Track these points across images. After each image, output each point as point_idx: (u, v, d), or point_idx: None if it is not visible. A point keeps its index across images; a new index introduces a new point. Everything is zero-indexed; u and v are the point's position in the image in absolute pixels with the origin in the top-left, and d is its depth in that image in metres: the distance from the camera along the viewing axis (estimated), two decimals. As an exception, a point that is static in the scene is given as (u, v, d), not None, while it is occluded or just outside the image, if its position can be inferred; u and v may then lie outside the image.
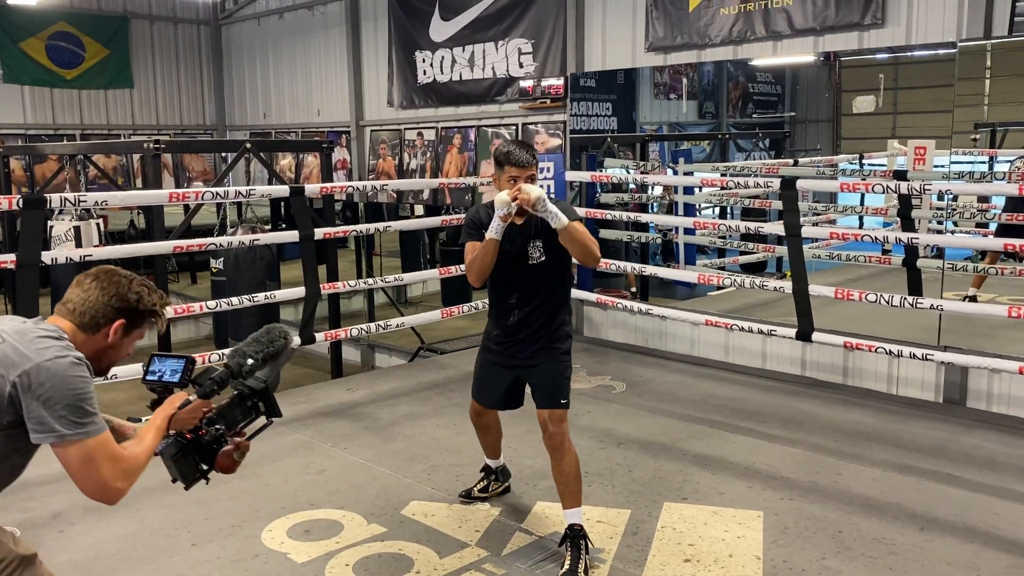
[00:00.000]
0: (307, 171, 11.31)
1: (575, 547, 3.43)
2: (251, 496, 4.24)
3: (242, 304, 5.77)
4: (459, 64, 8.98)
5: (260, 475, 4.52)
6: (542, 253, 3.56)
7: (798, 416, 5.35)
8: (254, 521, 3.96)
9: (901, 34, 5.70)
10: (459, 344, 7.78)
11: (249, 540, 3.78)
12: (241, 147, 7.00)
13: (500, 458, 4.22)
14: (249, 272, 7.06)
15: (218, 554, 3.65)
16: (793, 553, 3.58)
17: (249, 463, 4.63)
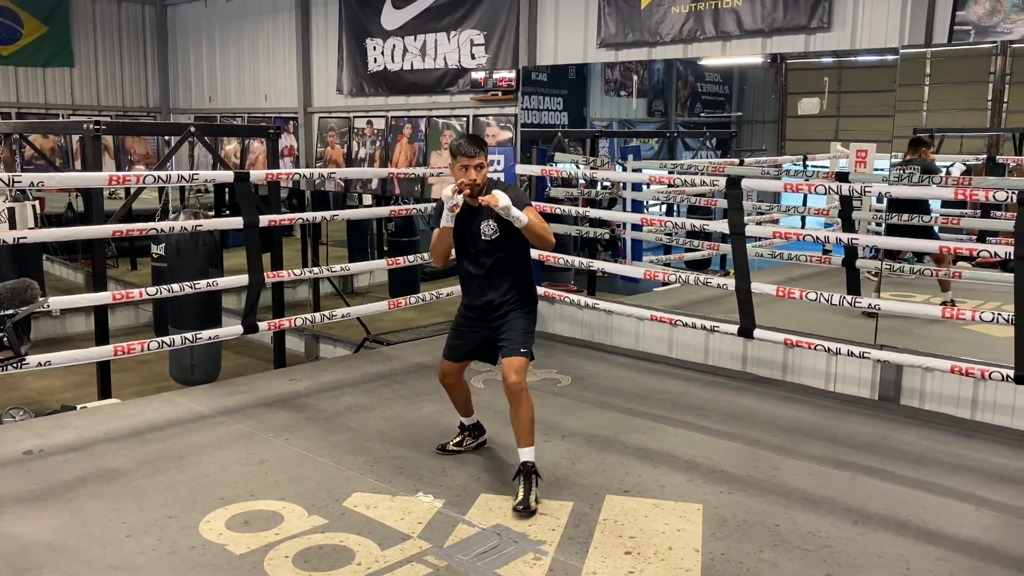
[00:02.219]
0: (253, 157, 11.12)
1: (527, 480, 3.91)
2: (189, 487, 4.16)
3: (183, 291, 5.65)
4: (411, 53, 8.91)
5: (199, 465, 4.44)
6: (495, 230, 4.04)
7: (739, 411, 5.44)
8: (191, 512, 3.88)
9: (846, 38, 5.82)
10: (406, 336, 7.74)
11: (186, 531, 3.71)
12: (185, 131, 6.85)
13: (472, 415, 4.61)
14: (191, 259, 6.90)
15: (153, 546, 3.58)
16: (731, 546, 3.64)
17: (188, 453, 4.61)
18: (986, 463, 4.63)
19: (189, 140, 7.16)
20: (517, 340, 4.04)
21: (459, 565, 3.44)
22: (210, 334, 5.76)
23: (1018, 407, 5.15)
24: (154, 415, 5.21)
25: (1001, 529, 3.86)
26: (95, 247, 6.17)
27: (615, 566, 3.45)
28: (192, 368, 7.02)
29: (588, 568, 3.43)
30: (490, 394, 5.71)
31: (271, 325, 6.16)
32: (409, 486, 4.19)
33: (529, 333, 4.10)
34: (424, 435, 4.91)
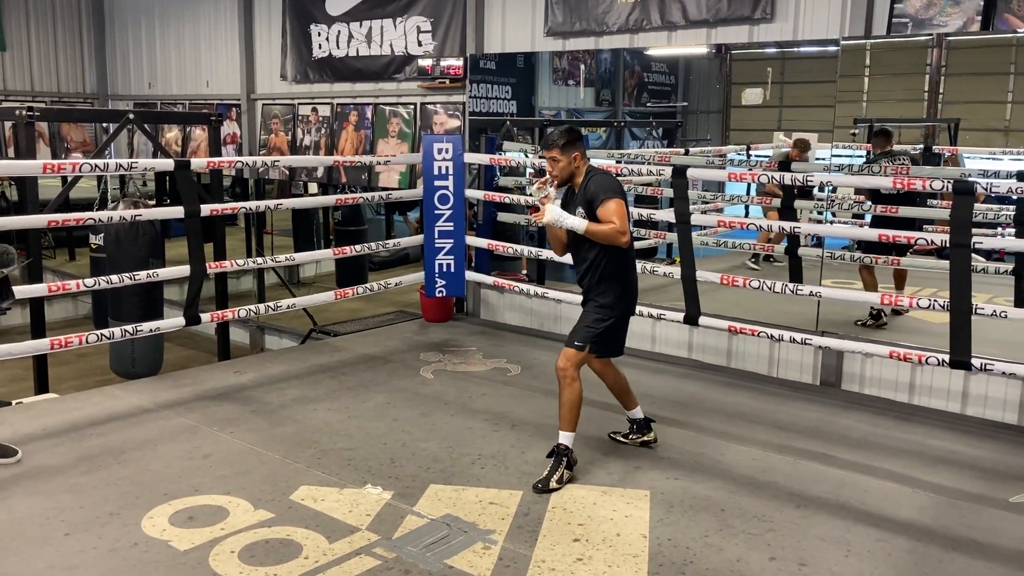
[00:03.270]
0: (194, 145, 10.88)
1: (556, 461, 4.11)
2: (131, 482, 4.07)
3: (123, 282, 5.51)
4: (356, 39, 8.80)
5: (141, 460, 4.34)
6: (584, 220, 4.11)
7: (685, 398, 5.51)
8: (133, 508, 3.80)
9: (789, 29, 5.90)
10: (353, 326, 7.67)
11: (128, 528, 3.63)
12: (124, 117, 6.66)
13: (632, 408, 4.64)
14: (131, 249, 6.74)
15: (94, 543, 3.49)
16: (678, 531, 3.69)
17: (129, 448, 4.50)
18: (923, 445, 4.77)
19: (128, 127, 6.97)
20: (577, 331, 4.23)
21: (408, 556, 3.43)
22: (151, 326, 5.63)
23: (953, 391, 5.31)
24: (93, 410, 5.08)
25: (936, 509, 3.98)
26: (30, 237, 5.98)
27: (564, 553, 3.47)
28: (133, 361, 6.87)
29: (537, 556, 3.44)
30: (439, 384, 5.70)
31: (214, 316, 6.05)
32: (357, 478, 4.16)
33: (591, 328, 4.20)
34: (372, 427, 4.88)
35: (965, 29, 5.26)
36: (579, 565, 3.39)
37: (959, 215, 4.65)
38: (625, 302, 4.28)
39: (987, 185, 4.67)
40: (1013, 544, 3.63)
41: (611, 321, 4.22)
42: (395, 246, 7.92)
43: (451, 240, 6.99)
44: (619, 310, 4.25)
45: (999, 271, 5.49)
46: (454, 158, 6.91)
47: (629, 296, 4.29)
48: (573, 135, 4.18)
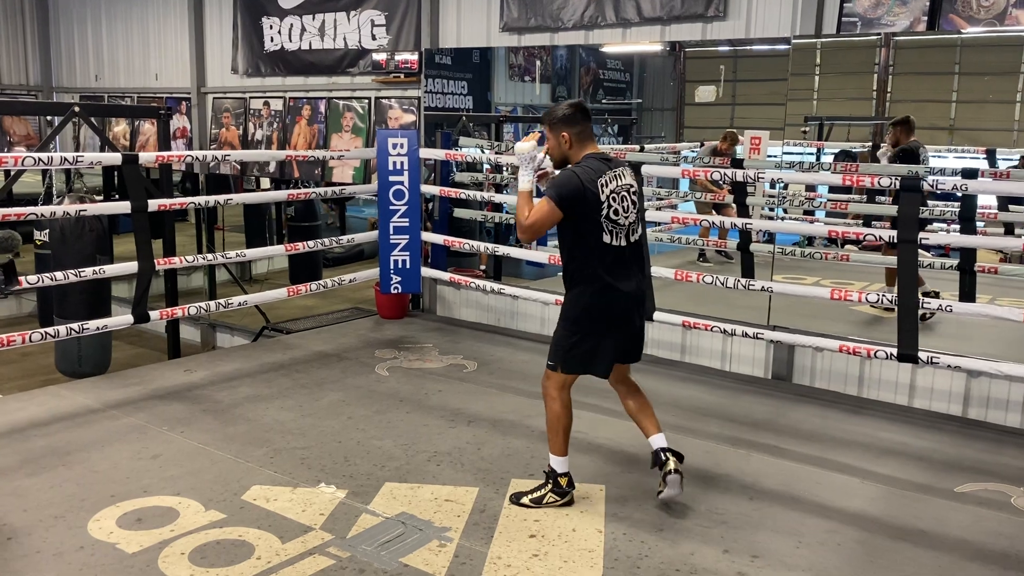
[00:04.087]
0: (143, 139, 10.66)
1: (543, 482, 3.88)
2: (76, 484, 3.97)
3: (68, 279, 5.38)
4: (309, 33, 8.68)
5: (87, 461, 4.24)
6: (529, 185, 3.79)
7: (640, 393, 5.53)
8: (79, 511, 3.71)
9: (741, 27, 5.96)
10: (307, 323, 7.58)
11: (73, 531, 3.54)
12: (69, 110, 6.49)
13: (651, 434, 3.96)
14: (77, 245, 6.56)
15: (38, 547, 3.40)
16: (632, 525, 3.71)
17: (75, 449, 4.39)
18: (872, 437, 4.86)
19: (74, 120, 6.79)
20: (551, 345, 3.87)
21: (363, 555, 3.39)
22: (98, 324, 5.50)
23: (901, 383, 5.43)
24: (38, 410, 4.95)
25: (885, 500, 4.06)
26: (-31, 233, 5.80)
27: (520, 549, 3.47)
28: (80, 360, 6.70)
29: (493, 553, 3.43)
30: (395, 382, 5.66)
31: (164, 314, 5.93)
32: (311, 477, 4.11)
33: (558, 344, 3.82)
34: (326, 425, 4.83)
35: (912, 29, 5.36)
36: (535, 561, 3.38)
37: (906, 211, 4.75)
38: (592, 318, 3.72)
39: (933, 182, 4.78)
40: (958, 532, 3.72)
41: (576, 338, 3.75)
42: (349, 242, 7.84)
43: (407, 236, 6.95)
44: (585, 326, 3.73)
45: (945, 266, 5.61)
46: (409, 153, 6.87)
47: (598, 311, 3.71)
48: (565, 113, 3.69)
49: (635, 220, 3.74)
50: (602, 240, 3.64)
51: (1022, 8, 4.97)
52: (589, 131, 3.72)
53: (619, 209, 3.65)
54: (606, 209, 3.61)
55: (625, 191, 3.69)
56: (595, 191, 3.59)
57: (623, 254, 3.70)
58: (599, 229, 3.63)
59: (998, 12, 5.03)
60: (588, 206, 3.60)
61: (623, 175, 3.71)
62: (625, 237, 3.69)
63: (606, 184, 3.62)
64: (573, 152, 3.71)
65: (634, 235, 3.74)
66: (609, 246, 3.66)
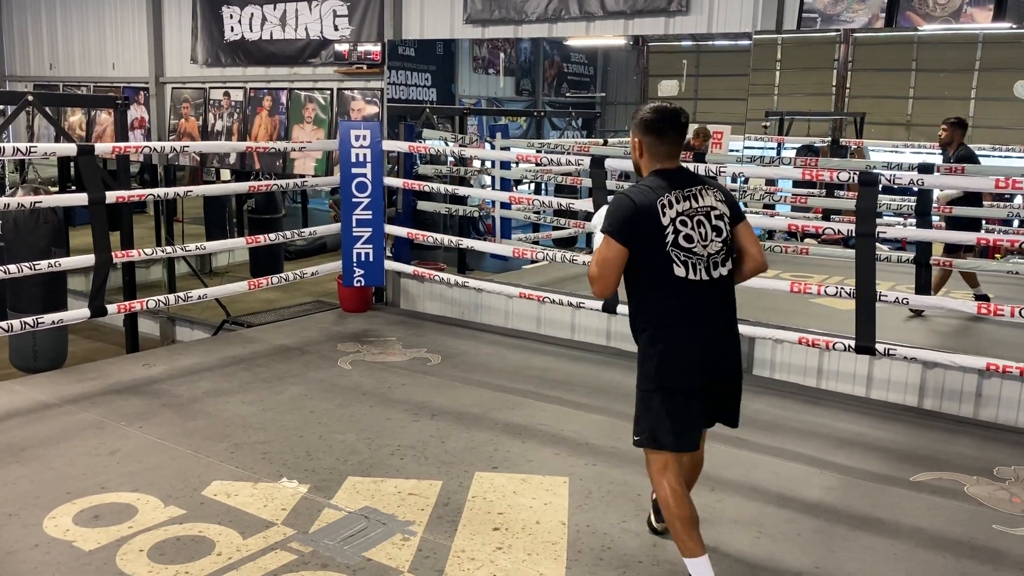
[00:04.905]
0: (100, 129, 10.45)
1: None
2: (31, 481, 3.90)
3: (22, 272, 5.26)
4: (270, 22, 8.57)
5: (42, 458, 4.16)
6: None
7: (603, 384, 5.57)
8: (34, 508, 3.63)
9: (703, 22, 6.00)
10: (268, 317, 7.50)
11: (28, 529, 3.47)
12: (22, 99, 6.33)
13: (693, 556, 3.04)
14: (31, 238, 6.43)
15: (-10, 546, 3.33)
16: (596, 517, 3.73)
17: (30, 445, 4.31)
18: (830, 428, 4.93)
19: (27, 110, 6.64)
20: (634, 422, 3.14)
21: (325, 550, 3.37)
22: (54, 318, 5.40)
23: (859, 375, 5.51)
24: (-10, 406, 4.85)
25: (843, 490, 4.13)
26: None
27: (484, 542, 3.47)
28: (35, 355, 6.58)
29: (457, 546, 3.43)
30: (358, 375, 5.63)
31: (121, 308, 5.83)
32: (272, 472, 4.07)
33: (640, 415, 3.10)
34: (288, 419, 4.79)
35: (870, 25, 5.44)
36: (499, 554, 3.39)
37: (864, 205, 4.82)
38: (666, 368, 3.02)
39: (890, 177, 4.86)
40: (913, 521, 3.80)
41: (658, 398, 3.03)
42: (311, 234, 7.77)
43: (369, 229, 6.90)
44: (660, 379, 3.03)
45: (901, 260, 5.71)
46: (372, 145, 6.82)
47: (679, 355, 3.02)
48: (643, 116, 3.08)
49: (721, 250, 3.05)
50: (673, 273, 2.97)
51: (977, 6, 5.07)
52: (668, 145, 3.07)
53: (692, 235, 2.98)
54: (671, 235, 2.95)
55: (703, 215, 3.01)
56: (654, 213, 2.96)
57: (704, 290, 3.01)
58: (667, 260, 2.97)
59: (954, 10, 5.13)
60: (646, 233, 2.96)
61: (702, 195, 3.04)
62: (706, 270, 3.00)
63: (669, 205, 2.97)
64: (643, 163, 3.13)
65: (720, 268, 3.05)
66: (685, 280, 2.98)
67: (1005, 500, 4.01)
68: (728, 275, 3.10)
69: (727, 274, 3.10)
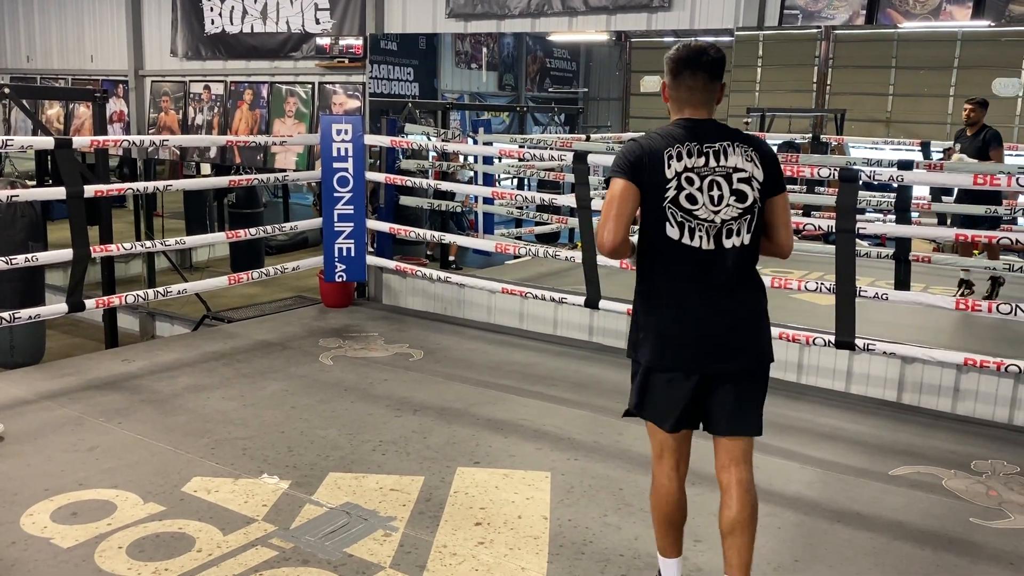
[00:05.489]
0: (78, 122, 10.34)
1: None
2: (8, 478, 3.86)
3: (-2, 267, 5.21)
4: (251, 15, 8.51)
5: (19, 455, 4.12)
6: None
7: (585, 379, 5.58)
8: (11, 506, 3.60)
9: (686, 18, 6.01)
10: (249, 312, 7.45)
11: (5, 527, 3.43)
12: (-2, 91, 6.27)
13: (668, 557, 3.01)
14: (8, 232, 6.36)
15: (-34, 544, 3.29)
16: (578, 512, 3.74)
17: (6, 442, 4.26)
18: (810, 423, 4.97)
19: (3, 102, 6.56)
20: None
21: (306, 546, 3.36)
22: (31, 313, 5.34)
23: (838, 370, 5.55)
24: (-34, 402, 4.79)
25: (823, 483, 4.16)
26: None
27: (465, 537, 3.47)
28: (12, 350, 6.51)
29: (439, 542, 3.43)
30: (339, 371, 5.61)
31: (100, 303, 5.78)
32: (253, 468, 4.05)
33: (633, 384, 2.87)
34: (269, 415, 4.76)
35: (851, 22, 5.46)
36: (481, 549, 3.39)
37: (844, 201, 4.85)
38: (650, 344, 2.74)
39: (870, 173, 4.89)
40: (892, 514, 3.83)
41: (640, 373, 2.81)
42: (292, 229, 7.73)
43: (351, 223, 6.87)
44: (643, 354, 2.77)
45: (881, 255, 5.75)
46: (354, 139, 6.79)
47: (655, 338, 2.73)
48: (669, 55, 2.73)
49: (741, 217, 2.65)
50: (665, 233, 2.65)
51: (956, 4, 5.11)
52: (688, 90, 2.70)
53: (696, 196, 2.62)
54: (672, 191, 2.62)
55: (723, 176, 2.64)
56: (659, 162, 2.63)
57: (708, 262, 2.65)
58: (660, 216, 2.64)
59: (933, 7, 5.16)
60: (649, 183, 2.63)
61: (726, 153, 2.65)
62: (714, 237, 2.64)
63: (678, 157, 2.62)
64: (671, 109, 2.77)
65: (734, 238, 2.65)
66: (679, 245, 2.64)
67: (982, 493, 4.06)
68: (747, 248, 2.68)
69: (746, 246, 2.67)
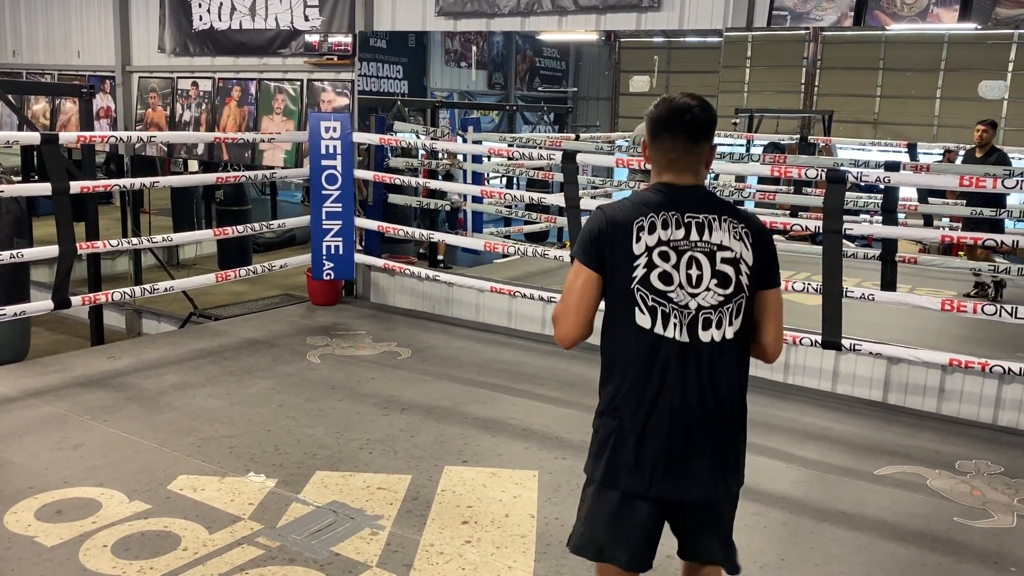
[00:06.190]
0: (64, 118, 10.27)
1: None
2: (-9, 476, 3.83)
3: (-18, 263, 5.17)
4: (239, 12, 8.47)
5: (4, 453, 4.09)
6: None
7: (573, 378, 5.58)
8: (-6, 504, 3.57)
9: (675, 18, 6.02)
10: (236, 310, 7.42)
11: (-12, 525, 3.41)
12: (-17, 86, 6.22)
13: None
14: (-8, 227, 6.33)
15: (-51, 542, 3.27)
16: (565, 510, 3.74)
17: (-13, 440, 4.21)
18: (797, 422, 4.99)
19: (-12, 97, 6.52)
20: None
21: (293, 545, 3.35)
22: (16, 310, 5.30)
23: (825, 370, 5.58)
24: (-50, 399, 4.75)
25: (809, 483, 4.18)
26: None
27: (452, 536, 3.47)
28: (-4, 347, 6.46)
29: (426, 540, 3.43)
30: (327, 369, 5.59)
31: (86, 300, 5.74)
32: (239, 466, 4.04)
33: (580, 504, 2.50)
34: (256, 413, 4.74)
35: (839, 24, 5.49)
36: (467, 547, 3.39)
37: (831, 202, 4.87)
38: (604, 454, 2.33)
39: (857, 174, 4.92)
40: (877, 513, 3.85)
41: (591, 492, 2.39)
42: (280, 227, 7.71)
43: (339, 221, 6.85)
44: (596, 468, 2.36)
45: (867, 256, 5.78)
46: (342, 137, 6.77)
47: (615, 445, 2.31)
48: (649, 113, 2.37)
49: (722, 305, 2.22)
50: (634, 321, 2.23)
51: (943, 6, 5.14)
52: (675, 154, 2.29)
53: (671, 275, 2.20)
54: (642, 269, 2.21)
55: (703, 252, 2.22)
56: (627, 235, 2.22)
57: (681, 356, 2.22)
58: (629, 300, 2.23)
59: (920, 10, 5.19)
60: (614, 260, 2.24)
61: (710, 226, 2.23)
62: (688, 327, 2.21)
63: (650, 229, 2.22)
64: (652, 172, 2.38)
65: (714, 330, 2.22)
66: (650, 334, 2.22)
67: (966, 493, 4.09)
68: (729, 342, 2.24)
69: (727, 340, 2.23)
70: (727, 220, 2.26)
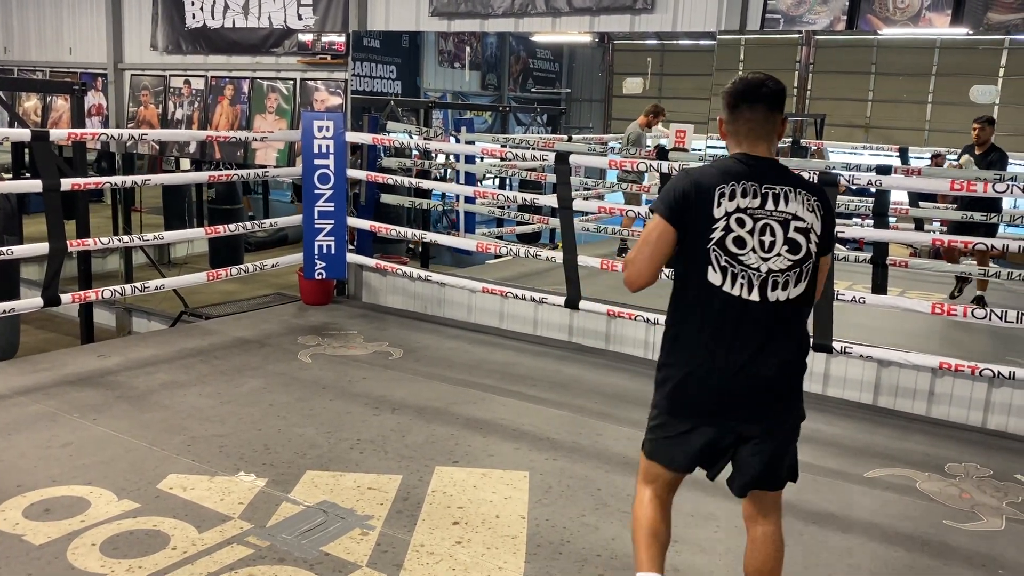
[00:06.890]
0: (56, 115, 10.23)
1: None
2: (-21, 474, 3.81)
3: (-28, 260, 5.14)
4: (232, 10, 8.45)
5: (-9, 450, 4.06)
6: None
7: (565, 380, 5.59)
8: (-18, 502, 3.55)
9: (668, 20, 6.03)
10: (227, 309, 7.41)
11: (-25, 523, 3.39)
12: (-27, 83, 6.19)
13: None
14: (-18, 224, 6.31)
15: (-64, 540, 3.25)
16: (556, 511, 3.74)
17: (-25, 438, 4.19)
18: (787, 424, 5.00)
19: (-22, 93, 6.49)
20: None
21: (282, 544, 3.34)
22: (6, 307, 5.28)
23: (815, 372, 5.57)
24: (-62, 397, 4.73)
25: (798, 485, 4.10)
26: None
27: (443, 537, 3.46)
28: (-15, 344, 6.43)
29: (416, 541, 3.42)
30: (318, 368, 5.58)
31: (76, 297, 5.72)
32: (229, 465, 4.02)
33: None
34: (246, 412, 4.73)
35: (832, 28, 5.51)
36: (458, 548, 3.38)
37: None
38: (670, 391, 2.57)
39: (849, 177, 4.93)
40: (867, 516, 3.87)
41: (656, 419, 2.65)
42: (272, 226, 7.69)
43: (331, 221, 6.84)
44: (661, 401, 2.62)
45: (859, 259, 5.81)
46: (335, 136, 6.76)
47: (680, 385, 2.55)
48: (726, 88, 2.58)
49: (791, 269, 2.45)
50: (707, 278, 2.46)
51: (935, 11, 5.16)
52: (754, 124, 2.51)
53: (745, 240, 2.42)
54: (719, 232, 2.43)
55: (778, 221, 2.44)
56: (708, 199, 2.44)
57: (750, 313, 2.45)
58: (704, 259, 2.45)
59: (913, 14, 5.21)
60: (694, 220, 2.45)
61: (785, 198, 2.45)
62: (759, 287, 2.44)
63: (730, 195, 2.43)
64: (728, 145, 2.59)
65: (781, 291, 2.45)
66: (720, 291, 2.45)
67: (955, 496, 4.11)
68: (794, 303, 2.48)
69: (792, 301, 2.47)
70: (801, 192, 2.48)
